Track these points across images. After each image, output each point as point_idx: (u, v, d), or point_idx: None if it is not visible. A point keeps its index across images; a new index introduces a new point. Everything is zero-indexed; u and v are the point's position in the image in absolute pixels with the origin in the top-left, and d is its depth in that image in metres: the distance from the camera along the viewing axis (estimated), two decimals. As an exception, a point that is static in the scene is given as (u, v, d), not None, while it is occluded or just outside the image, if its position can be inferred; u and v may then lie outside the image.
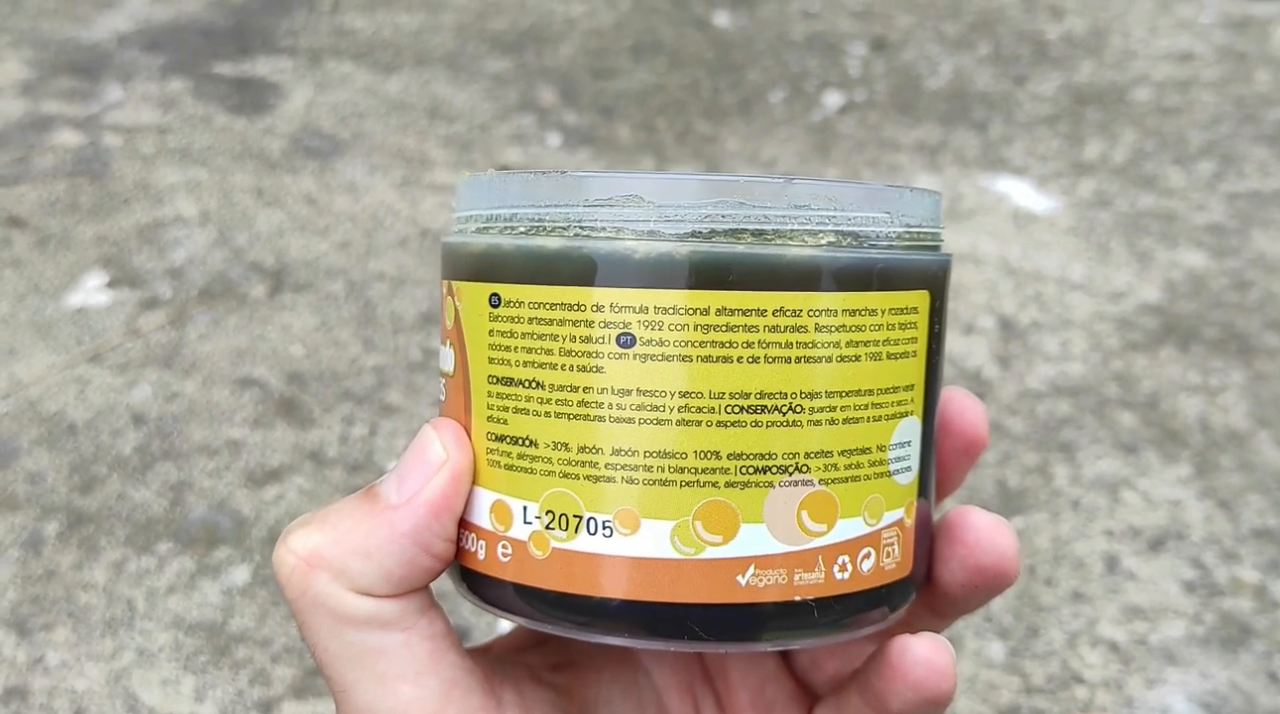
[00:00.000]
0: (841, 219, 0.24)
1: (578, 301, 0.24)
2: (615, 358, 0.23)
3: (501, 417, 0.25)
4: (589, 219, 0.24)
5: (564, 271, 0.24)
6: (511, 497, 0.25)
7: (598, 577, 0.24)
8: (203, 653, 0.70)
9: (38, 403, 0.90)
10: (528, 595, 0.25)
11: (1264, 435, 0.86)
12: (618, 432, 0.23)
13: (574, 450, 0.24)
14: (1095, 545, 0.77)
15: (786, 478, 0.24)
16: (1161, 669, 0.68)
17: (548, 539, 0.24)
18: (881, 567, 0.25)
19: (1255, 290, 1.02)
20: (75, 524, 0.79)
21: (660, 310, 0.23)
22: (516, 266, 0.24)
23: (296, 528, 0.26)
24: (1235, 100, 1.31)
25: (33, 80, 1.39)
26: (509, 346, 0.25)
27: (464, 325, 0.26)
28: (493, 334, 0.25)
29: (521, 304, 0.24)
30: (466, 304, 0.25)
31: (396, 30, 1.54)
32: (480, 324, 0.25)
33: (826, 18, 1.55)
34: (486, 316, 0.25)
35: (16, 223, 1.13)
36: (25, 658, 0.70)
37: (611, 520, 0.24)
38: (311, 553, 0.25)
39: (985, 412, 0.29)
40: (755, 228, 0.24)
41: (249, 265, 1.07)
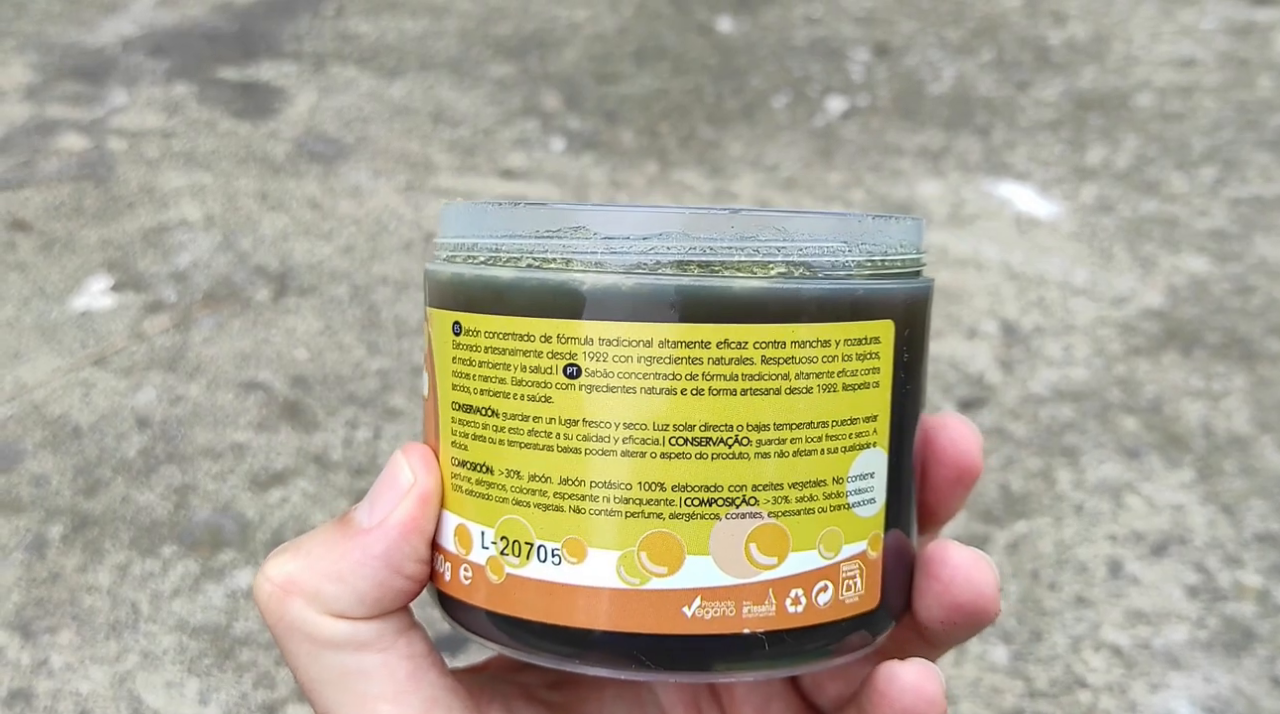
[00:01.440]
0: (792, 249, 0.24)
1: (528, 332, 0.24)
2: (562, 388, 0.24)
3: (463, 442, 0.25)
4: (540, 250, 0.24)
5: (516, 302, 0.24)
6: (471, 521, 0.25)
7: (547, 603, 0.24)
8: (207, 656, 0.70)
9: (42, 406, 0.90)
10: (488, 618, 0.25)
11: (1267, 440, 0.86)
12: (565, 461, 0.24)
13: (525, 478, 0.24)
14: (1098, 550, 0.77)
15: (733, 510, 0.23)
16: (1165, 674, 0.68)
17: (502, 564, 0.25)
18: (841, 600, 0.25)
19: (1258, 295, 1.02)
20: (79, 527, 0.79)
21: (605, 342, 0.23)
22: (475, 295, 0.25)
23: (273, 556, 0.26)
24: (1237, 106, 1.31)
25: (37, 84, 1.40)
26: (469, 374, 0.25)
27: (434, 351, 0.26)
28: (455, 361, 0.25)
29: (479, 333, 0.25)
30: (436, 331, 0.26)
31: (401, 35, 1.54)
32: (446, 351, 0.26)
33: (829, 23, 1.56)
34: (450, 344, 0.25)
35: (21, 226, 1.13)
36: (29, 660, 0.70)
37: (560, 549, 0.24)
38: (286, 579, 0.25)
39: (979, 440, 0.28)
40: (701, 259, 0.23)
41: (253, 269, 1.07)
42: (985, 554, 0.27)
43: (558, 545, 0.24)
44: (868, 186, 1.20)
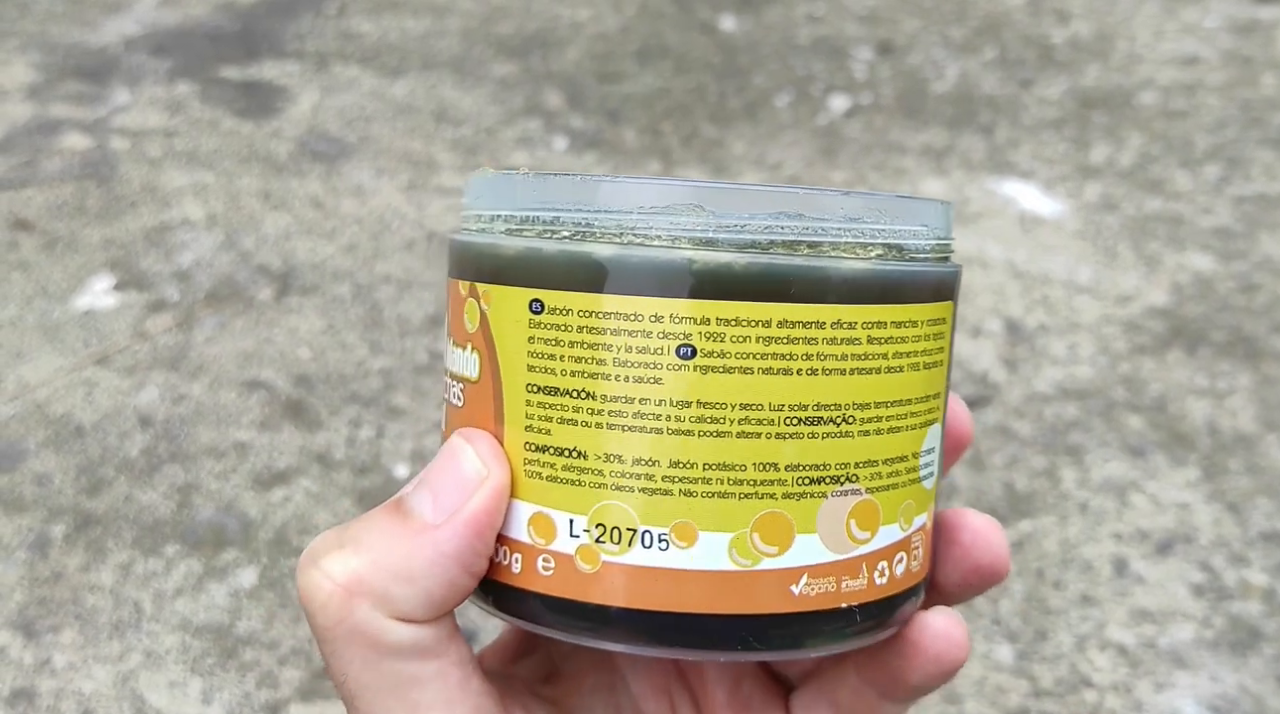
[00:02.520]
0: (889, 232, 0.25)
1: (635, 311, 0.23)
2: (675, 369, 0.23)
3: (544, 427, 0.24)
4: (643, 227, 0.23)
5: (621, 280, 0.23)
6: (555, 509, 0.24)
7: (651, 590, 0.24)
8: (210, 655, 0.70)
9: (45, 405, 0.90)
10: (571, 610, 0.24)
11: (1272, 438, 0.85)
12: (676, 444, 0.23)
13: (628, 462, 0.23)
14: (1103, 548, 0.76)
15: (838, 488, 0.24)
16: (1170, 673, 0.68)
17: (598, 552, 0.24)
18: (910, 570, 0.26)
19: (1262, 293, 1.02)
20: (82, 526, 0.79)
21: (722, 322, 0.23)
22: (561, 273, 0.24)
23: (328, 551, 0.24)
24: (1241, 104, 1.31)
25: (40, 84, 1.40)
26: (554, 355, 0.24)
27: (495, 330, 0.25)
28: (533, 341, 0.24)
29: (569, 312, 0.24)
30: (499, 308, 0.25)
31: (403, 34, 1.54)
32: (517, 330, 0.24)
33: (832, 21, 1.55)
34: (526, 323, 0.24)
35: (24, 226, 1.13)
36: (32, 660, 0.70)
37: (668, 533, 0.23)
38: (351, 578, 0.23)
39: (969, 413, 0.30)
40: (811, 240, 0.24)
41: (256, 268, 1.07)
42: (995, 520, 0.29)
43: (665, 530, 0.23)
44: (871, 185, 1.19)
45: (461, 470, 0.24)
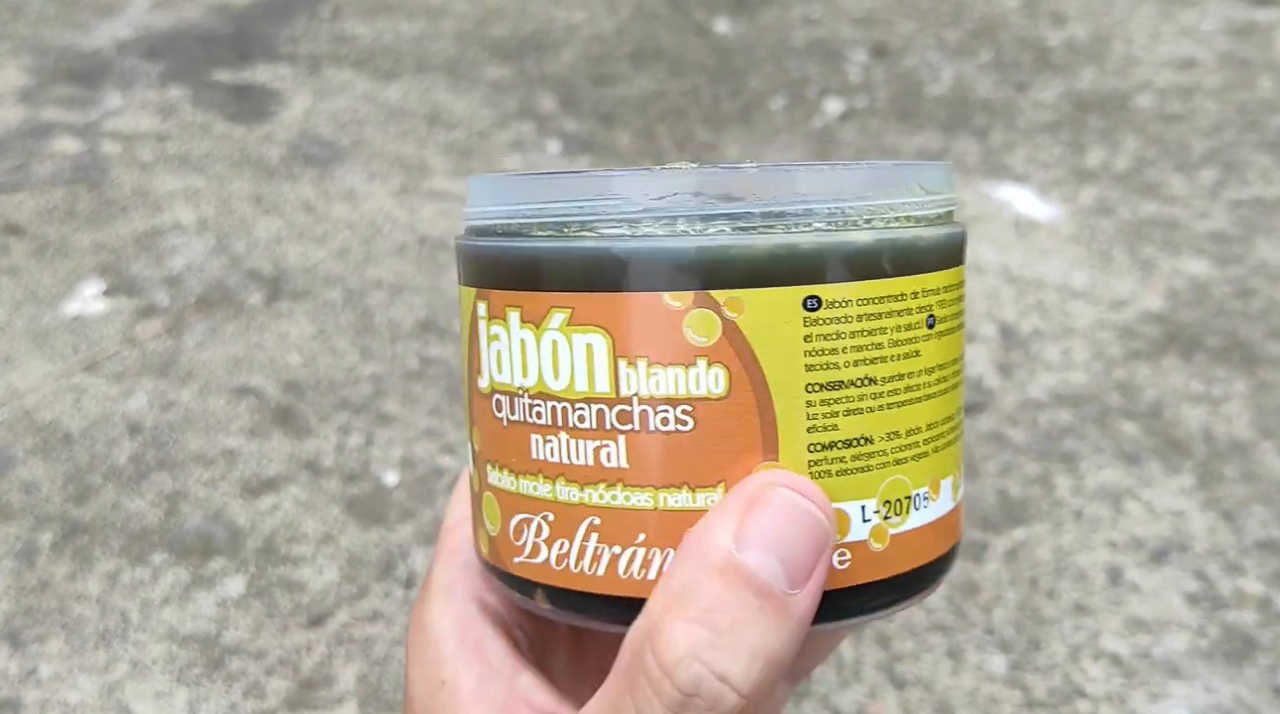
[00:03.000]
0: (944, 200, 0.26)
1: (899, 292, 0.24)
2: (926, 340, 0.25)
3: (830, 423, 0.24)
4: (888, 210, 0.25)
5: (886, 264, 0.24)
6: (847, 502, 0.24)
7: (924, 546, 0.25)
8: (196, 665, 0.70)
9: (33, 412, 0.89)
10: (870, 591, 0.25)
11: (1268, 445, 0.85)
12: (930, 407, 0.25)
13: (903, 435, 0.25)
14: (1097, 557, 0.76)
15: (956, 434, 0.27)
16: (1165, 683, 0.67)
17: (886, 530, 0.25)
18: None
19: (1258, 298, 1.01)
20: (70, 534, 0.79)
21: (946, 289, 0.26)
22: (835, 265, 0.23)
23: (709, 649, 0.21)
24: (1238, 107, 1.30)
25: (32, 87, 1.39)
26: (834, 349, 0.23)
27: (753, 336, 0.23)
28: (810, 339, 0.23)
29: (848, 303, 0.23)
30: (759, 314, 0.23)
31: (397, 37, 1.53)
32: (788, 331, 0.23)
33: (827, 24, 1.55)
34: (800, 322, 0.23)
35: (14, 230, 1.13)
36: (18, 670, 0.69)
37: (926, 490, 0.25)
38: (756, 688, 0.22)
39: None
40: (935, 213, 0.26)
41: (247, 273, 1.06)
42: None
43: (925, 489, 0.25)
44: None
45: (816, 532, 0.23)
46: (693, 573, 0.22)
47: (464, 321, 0.27)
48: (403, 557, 0.77)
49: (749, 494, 0.22)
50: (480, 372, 0.26)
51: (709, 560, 0.22)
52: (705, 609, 0.21)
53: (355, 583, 0.75)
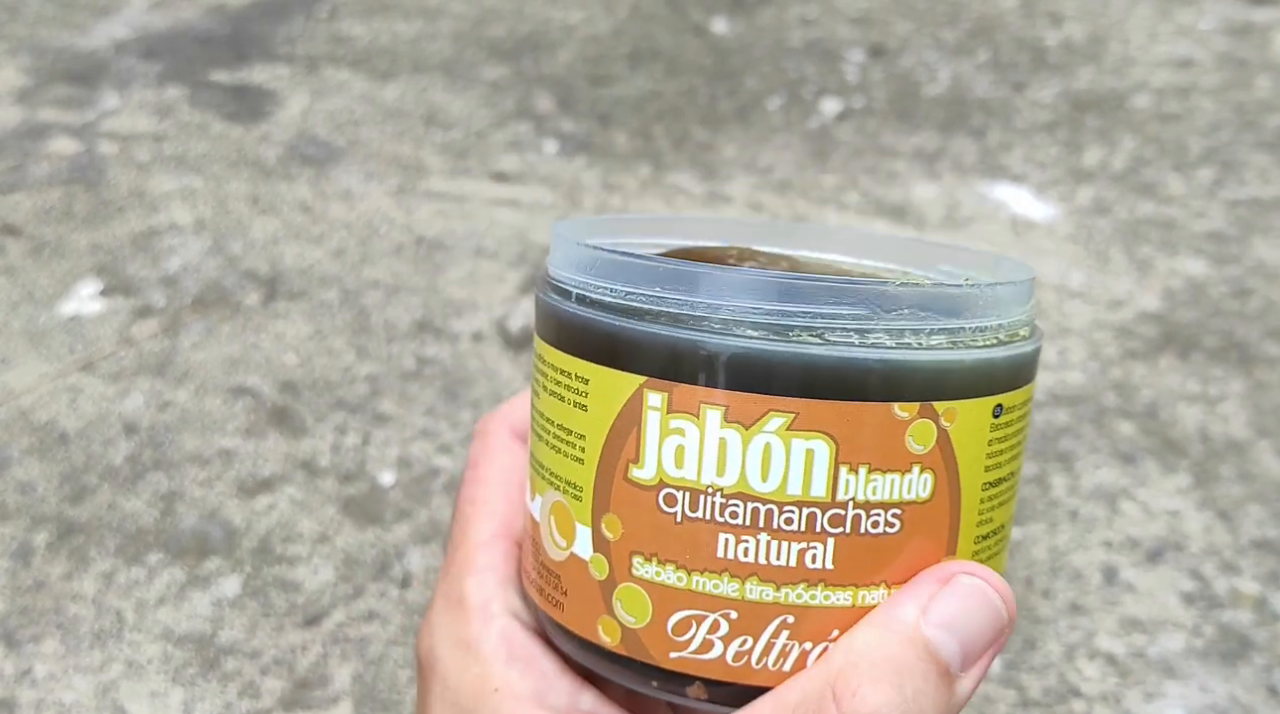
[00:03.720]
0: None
1: (1027, 397, 0.27)
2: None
3: (988, 516, 0.26)
4: (1030, 319, 0.27)
5: (1032, 371, 0.27)
6: None
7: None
8: (191, 665, 0.70)
9: (29, 412, 0.89)
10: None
11: (1264, 445, 0.85)
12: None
13: (1008, 525, 0.28)
14: (1093, 556, 0.76)
15: None
16: (1160, 682, 0.67)
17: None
18: None
19: (1255, 298, 1.01)
20: (65, 534, 0.79)
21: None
22: (1012, 374, 0.26)
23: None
24: (1235, 107, 1.30)
25: (29, 87, 1.39)
26: (1001, 451, 0.26)
27: (957, 446, 0.25)
28: (991, 444, 0.26)
29: (1015, 408, 0.26)
30: (965, 423, 0.25)
31: (394, 37, 1.53)
32: (979, 438, 0.25)
33: (824, 24, 1.55)
34: (987, 428, 0.25)
35: (11, 230, 1.12)
36: (13, 670, 0.69)
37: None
38: None
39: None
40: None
41: (243, 273, 1.06)
42: None
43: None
44: (863, 189, 1.19)
45: (992, 618, 0.24)
46: (879, 636, 0.23)
47: (606, 404, 0.25)
48: (399, 557, 0.77)
49: (939, 576, 0.24)
50: (641, 462, 0.25)
51: (895, 629, 0.23)
52: (894, 673, 0.23)
53: (351, 583, 0.75)
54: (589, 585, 0.26)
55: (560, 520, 0.27)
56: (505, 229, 1.13)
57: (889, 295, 0.24)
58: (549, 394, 0.27)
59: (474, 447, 0.32)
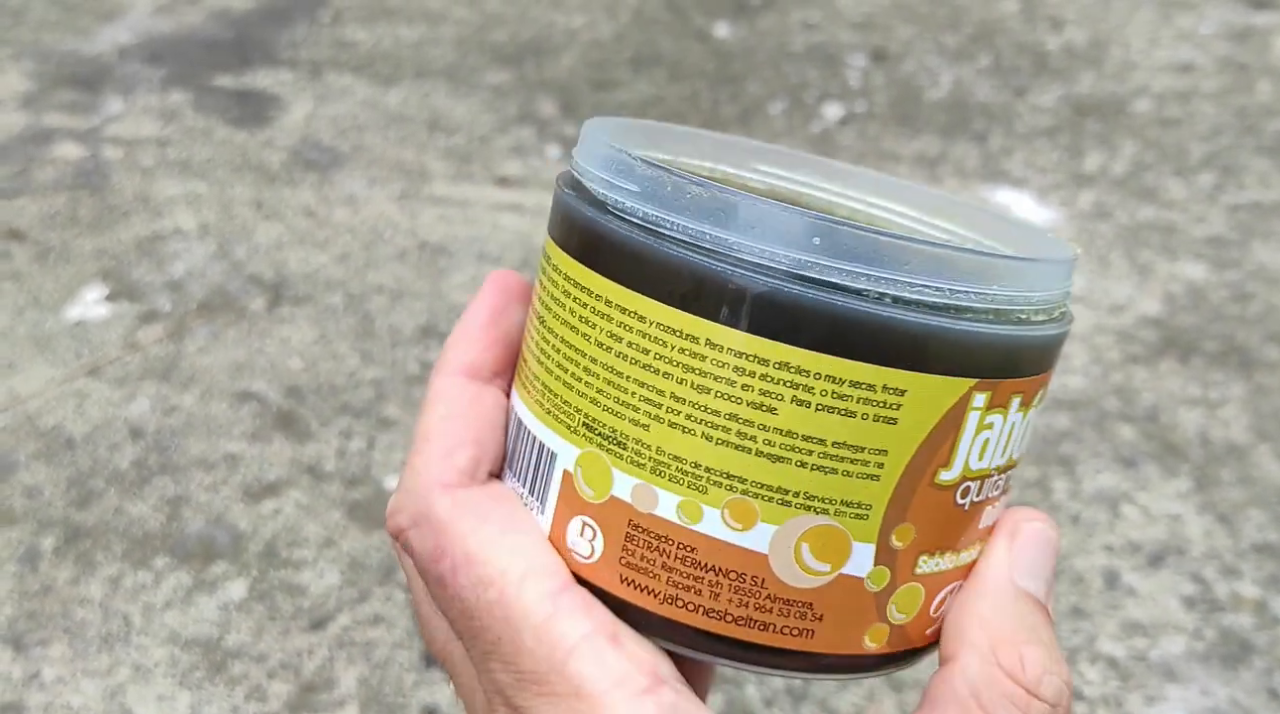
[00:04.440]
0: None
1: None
2: None
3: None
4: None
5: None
6: None
7: None
8: (199, 668, 0.70)
9: (36, 417, 0.90)
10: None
11: (1264, 449, 0.85)
12: None
13: None
14: (1095, 560, 0.76)
15: None
16: (1161, 686, 0.68)
17: None
18: None
19: (1256, 302, 1.02)
20: (72, 539, 0.79)
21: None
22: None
23: (1057, 664, 0.26)
24: (1236, 111, 1.31)
25: (34, 93, 1.40)
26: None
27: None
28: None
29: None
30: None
31: (397, 42, 1.54)
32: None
33: (826, 29, 1.55)
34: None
35: (16, 236, 1.13)
36: (21, 674, 0.70)
37: None
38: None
39: None
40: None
41: (248, 278, 1.07)
42: None
43: None
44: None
45: (1054, 549, 0.27)
46: (1001, 604, 0.26)
47: (925, 412, 0.24)
48: (403, 561, 0.78)
49: (1009, 530, 0.27)
50: (951, 465, 0.25)
51: (1005, 591, 0.26)
52: (1031, 630, 0.25)
53: (356, 587, 0.76)
54: (859, 600, 0.25)
55: (822, 545, 0.24)
56: (508, 234, 1.14)
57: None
58: (817, 410, 0.23)
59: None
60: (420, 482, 0.27)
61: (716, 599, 0.25)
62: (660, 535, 0.24)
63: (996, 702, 0.25)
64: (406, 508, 0.27)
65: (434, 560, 0.26)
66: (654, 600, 0.25)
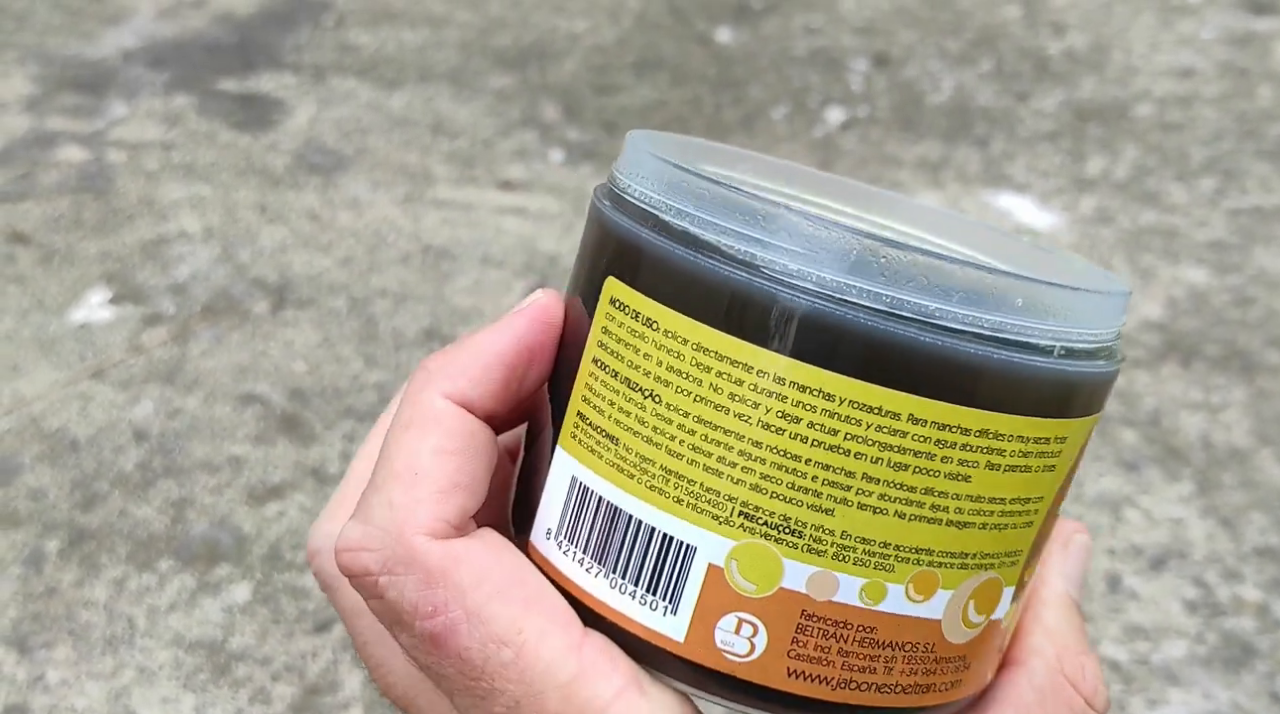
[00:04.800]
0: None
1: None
2: None
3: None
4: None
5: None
6: None
7: None
8: (203, 671, 0.70)
9: (40, 419, 0.90)
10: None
11: (1266, 453, 0.85)
12: None
13: None
14: (1097, 564, 0.76)
15: None
16: (1163, 689, 0.68)
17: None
18: None
19: (1257, 307, 1.02)
20: (76, 541, 0.79)
21: None
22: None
23: (1099, 672, 0.28)
24: (1237, 116, 1.31)
25: (38, 96, 1.40)
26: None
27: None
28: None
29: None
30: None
31: (400, 46, 1.54)
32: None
33: (829, 34, 1.56)
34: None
35: (21, 239, 1.13)
36: (26, 676, 0.70)
37: None
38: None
39: None
40: None
41: (252, 281, 1.07)
42: None
43: None
44: (867, 198, 1.20)
45: (1088, 561, 0.30)
46: (1062, 615, 0.28)
47: (1072, 454, 0.24)
48: (407, 563, 0.78)
49: (1061, 542, 0.29)
50: (1067, 495, 0.26)
51: (1065, 602, 0.28)
52: (1086, 641, 0.27)
53: (360, 589, 0.76)
54: (998, 641, 0.25)
55: (984, 598, 0.24)
56: (512, 237, 1.14)
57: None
58: (1005, 471, 0.23)
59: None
60: (400, 522, 0.24)
61: (890, 673, 0.23)
62: (838, 622, 0.23)
63: (1059, 710, 0.26)
64: (377, 549, 0.24)
65: (425, 617, 0.23)
66: (826, 689, 0.23)
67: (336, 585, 0.27)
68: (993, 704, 0.26)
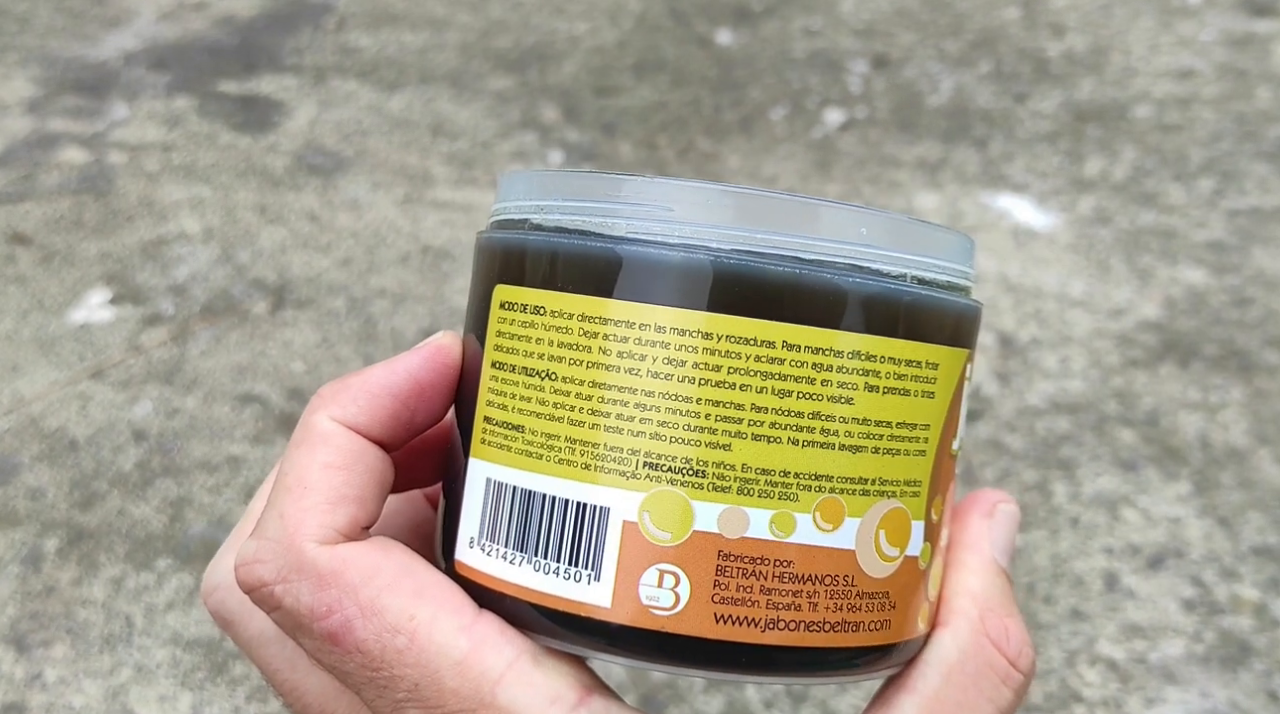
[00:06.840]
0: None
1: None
2: None
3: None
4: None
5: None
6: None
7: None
8: (200, 669, 0.70)
9: (39, 419, 0.90)
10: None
11: (1264, 452, 0.85)
12: None
13: None
14: (1094, 563, 0.76)
15: None
16: (1161, 688, 0.68)
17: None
18: None
19: (1255, 307, 1.02)
20: (75, 540, 0.79)
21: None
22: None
23: (1027, 635, 0.28)
24: (1236, 117, 1.31)
25: (39, 98, 1.40)
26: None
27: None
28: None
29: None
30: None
31: (401, 48, 1.55)
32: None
33: (828, 35, 1.56)
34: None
35: (21, 239, 1.14)
36: (23, 674, 0.70)
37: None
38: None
39: None
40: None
41: (251, 282, 1.07)
42: None
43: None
44: (865, 199, 1.20)
45: (1015, 528, 0.31)
46: (988, 579, 0.28)
47: (949, 384, 0.26)
48: (405, 562, 0.78)
49: (984, 509, 0.29)
50: (956, 435, 0.26)
51: (991, 568, 0.28)
52: (1012, 604, 0.28)
53: (358, 588, 0.76)
54: (917, 580, 0.26)
55: (893, 529, 0.25)
56: (511, 238, 1.14)
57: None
58: (884, 393, 0.24)
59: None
60: (290, 532, 0.25)
61: (815, 609, 0.24)
62: (755, 558, 0.23)
63: (981, 670, 0.26)
64: (270, 560, 0.25)
65: (321, 618, 0.24)
66: (755, 631, 0.24)
67: (235, 619, 0.28)
68: (917, 663, 0.26)
